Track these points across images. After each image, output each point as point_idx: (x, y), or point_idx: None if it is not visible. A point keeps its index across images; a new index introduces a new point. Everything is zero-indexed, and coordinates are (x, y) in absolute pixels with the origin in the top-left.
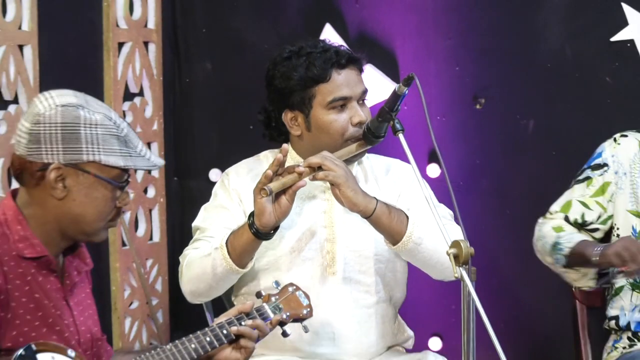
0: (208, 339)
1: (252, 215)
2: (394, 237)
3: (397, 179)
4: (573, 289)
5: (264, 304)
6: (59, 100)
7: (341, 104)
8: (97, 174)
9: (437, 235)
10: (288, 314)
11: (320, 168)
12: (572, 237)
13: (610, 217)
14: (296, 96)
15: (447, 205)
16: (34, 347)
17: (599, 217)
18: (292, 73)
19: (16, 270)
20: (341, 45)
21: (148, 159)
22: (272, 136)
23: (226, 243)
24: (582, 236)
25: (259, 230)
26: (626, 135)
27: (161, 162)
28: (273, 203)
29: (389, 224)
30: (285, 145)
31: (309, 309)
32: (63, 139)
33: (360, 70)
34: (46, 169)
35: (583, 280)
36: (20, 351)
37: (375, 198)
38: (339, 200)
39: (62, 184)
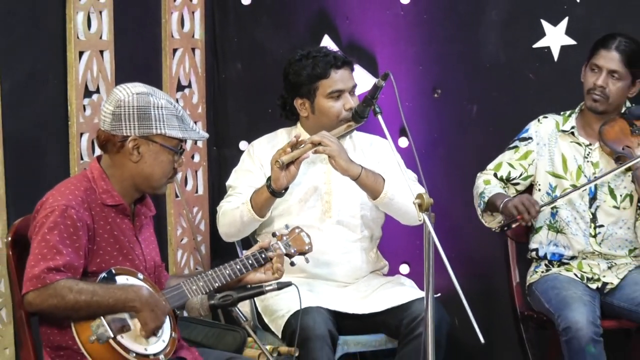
0: (238, 266)
1: (269, 179)
2: (374, 194)
3: (377, 150)
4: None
5: (278, 242)
6: (134, 90)
7: (337, 94)
8: (163, 143)
9: (405, 193)
10: (295, 249)
11: (320, 144)
12: (492, 189)
13: (530, 176)
14: (304, 88)
15: (412, 167)
16: (113, 270)
17: (521, 174)
18: (302, 71)
19: (100, 214)
20: (338, 51)
21: (198, 132)
22: (287, 116)
23: (250, 200)
24: (500, 190)
25: (274, 190)
26: (547, 117)
27: (206, 135)
28: (285, 171)
29: (371, 185)
30: (297, 133)
31: (310, 246)
32: (138, 118)
33: (352, 70)
34: (125, 140)
35: (494, 222)
36: (104, 274)
37: (360, 166)
38: (334, 167)
39: (137, 151)
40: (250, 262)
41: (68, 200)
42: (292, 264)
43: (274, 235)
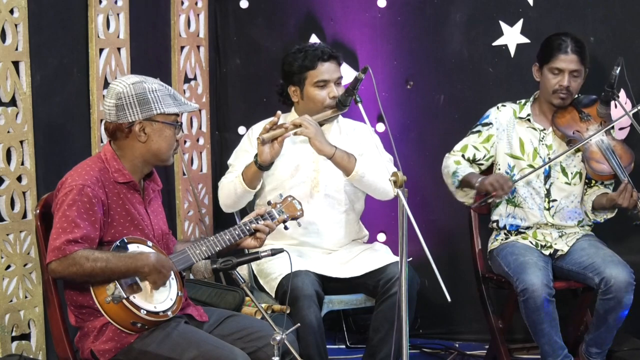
0: (236, 232)
1: (256, 155)
2: (347, 171)
3: (359, 134)
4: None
5: (272, 209)
6: (128, 81)
7: (323, 84)
8: (164, 120)
9: (376, 171)
10: (288, 215)
11: (300, 126)
12: (465, 169)
13: (492, 156)
14: (296, 77)
15: (388, 149)
16: (125, 240)
17: (484, 156)
18: (294, 62)
19: (113, 191)
20: (327, 46)
21: (189, 105)
22: (284, 101)
23: (242, 173)
24: (471, 169)
25: (261, 165)
26: (505, 105)
27: (197, 106)
28: (269, 147)
29: (343, 163)
30: (278, 113)
31: (301, 211)
32: (139, 103)
33: (339, 63)
34: (132, 125)
35: (466, 198)
36: (117, 242)
37: (335, 147)
38: (312, 147)
39: (144, 132)
40: (247, 228)
41: (84, 180)
42: (285, 228)
43: (269, 203)
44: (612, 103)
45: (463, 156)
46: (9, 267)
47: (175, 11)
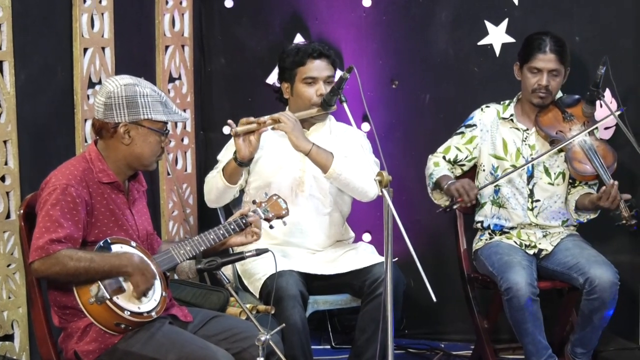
0: (221, 232)
1: (235, 151)
2: (324, 168)
3: (349, 137)
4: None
5: (257, 208)
6: (122, 81)
7: (310, 81)
8: (150, 126)
9: (354, 171)
10: (273, 214)
11: (278, 121)
12: (440, 171)
13: (474, 158)
14: (287, 73)
15: (373, 148)
16: (109, 240)
17: (466, 157)
18: (286, 59)
19: (97, 191)
20: (323, 45)
21: (180, 114)
22: (280, 98)
23: (222, 169)
24: (447, 172)
25: (241, 161)
26: (489, 106)
27: (187, 116)
28: (245, 142)
29: (320, 160)
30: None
31: (286, 210)
32: (127, 106)
33: (331, 62)
34: (117, 126)
35: (441, 200)
36: (100, 243)
37: (312, 143)
38: (290, 142)
39: (128, 135)
40: (232, 227)
41: (68, 180)
42: (271, 227)
43: (254, 202)
44: (598, 102)
45: (444, 157)
46: None
47: (159, 10)
